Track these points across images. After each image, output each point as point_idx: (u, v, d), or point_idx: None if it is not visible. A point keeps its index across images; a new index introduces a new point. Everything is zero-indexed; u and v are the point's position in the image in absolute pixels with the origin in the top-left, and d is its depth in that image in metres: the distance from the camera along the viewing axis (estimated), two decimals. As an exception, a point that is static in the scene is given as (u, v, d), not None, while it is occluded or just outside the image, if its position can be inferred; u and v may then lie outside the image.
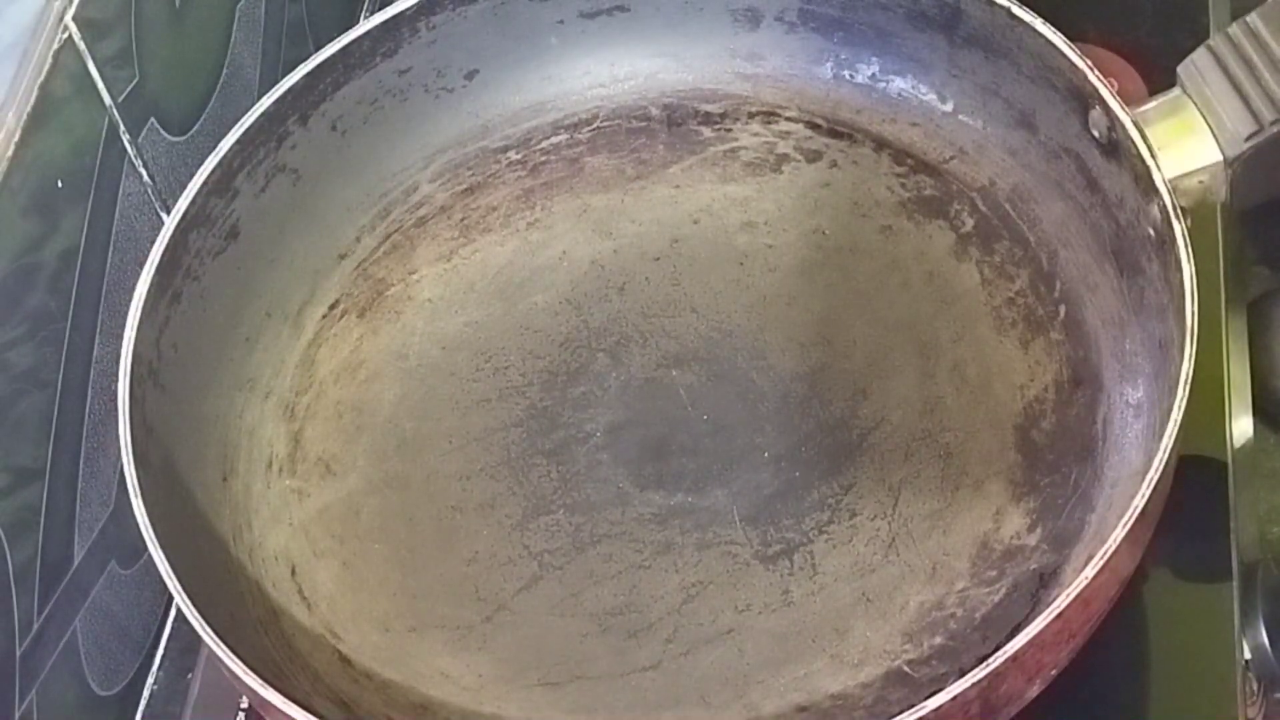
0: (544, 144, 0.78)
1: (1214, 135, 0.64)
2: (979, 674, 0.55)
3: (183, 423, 0.69)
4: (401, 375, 0.74)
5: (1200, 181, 0.64)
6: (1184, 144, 0.64)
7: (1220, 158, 0.64)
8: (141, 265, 0.68)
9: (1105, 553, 0.56)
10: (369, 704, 0.65)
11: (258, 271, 0.74)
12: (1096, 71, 0.66)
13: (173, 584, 0.61)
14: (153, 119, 0.75)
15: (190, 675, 0.75)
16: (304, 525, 0.70)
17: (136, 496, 0.63)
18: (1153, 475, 0.57)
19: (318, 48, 0.74)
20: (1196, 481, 0.65)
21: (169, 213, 0.70)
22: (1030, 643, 0.55)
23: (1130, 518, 0.57)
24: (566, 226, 0.76)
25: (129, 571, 0.73)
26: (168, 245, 0.69)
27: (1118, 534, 0.57)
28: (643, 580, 0.67)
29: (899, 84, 0.75)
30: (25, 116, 0.66)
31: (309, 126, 0.75)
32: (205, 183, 0.71)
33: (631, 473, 0.69)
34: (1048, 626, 0.56)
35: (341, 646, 0.67)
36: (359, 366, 0.74)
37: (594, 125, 0.78)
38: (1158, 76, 0.67)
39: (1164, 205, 0.62)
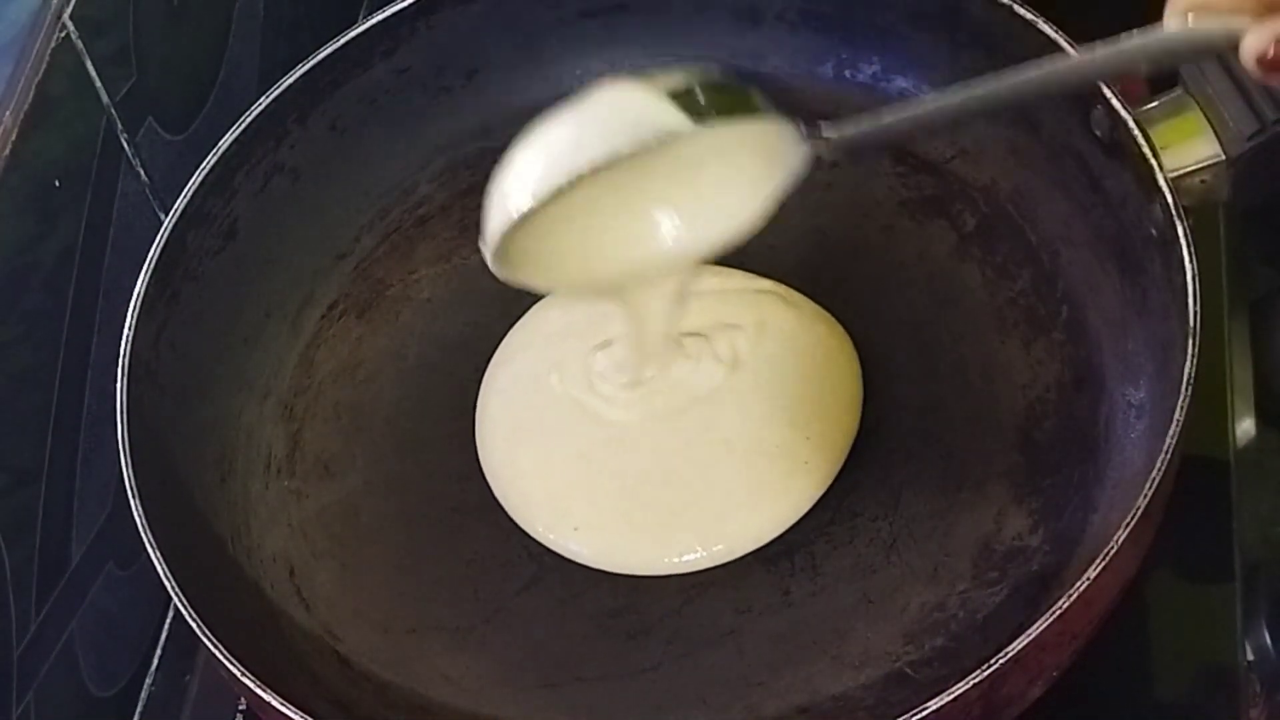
0: (544, 144, 0.78)
1: (1216, 134, 0.64)
2: (980, 675, 0.55)
3: (181, 423, 0.69)
4: (400, 375, 0.74)
5: (1203, 181, 0.64)
6: (1186, 143, 0.64)
7: (1222, 157, 0.64)
8: (139, 265, 0.68)
9: (1107, 554, 0.56)
10: (368, 705, 0.65)
11: (256, 271, 0.74)
12: (1099, 70, 0.66)
13: (170, 585, 0.61)
14: (150, 118, 0.74)
15: (188, 677, 0.75)
16: (302, 526, 0.70)
17: (134, 497, 0.63)
18: (1155, 476, 0.57)
19: (316, 46, 0.74)
20: (1199, 482, 0.65)
21: (167, 212, 0.70)
22: (1032, 644, 0.55)
23: (1132, 518, 0.57)
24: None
25: (127, 572, 0.73)
26: (166, 245, 0.69)
27: (1120, 535, 0.56)
28: (642, 581, 0.67)
29: (900, 83, 0.75)
30: (23, 115, 0.66)
31: (308, 126, 0.75)
32: (203, 182, 0.71)
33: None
34: (1049, 628, 0.55)
35: (340, 648, 0.67)
36: (358, 367, 0.74)
37: (594, 125, 0.78)
38: (1160, 76, 0.66)
39: (1166, 205, 0.62)
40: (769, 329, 0.70)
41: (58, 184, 0.68)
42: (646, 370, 0.69)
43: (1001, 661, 0.55)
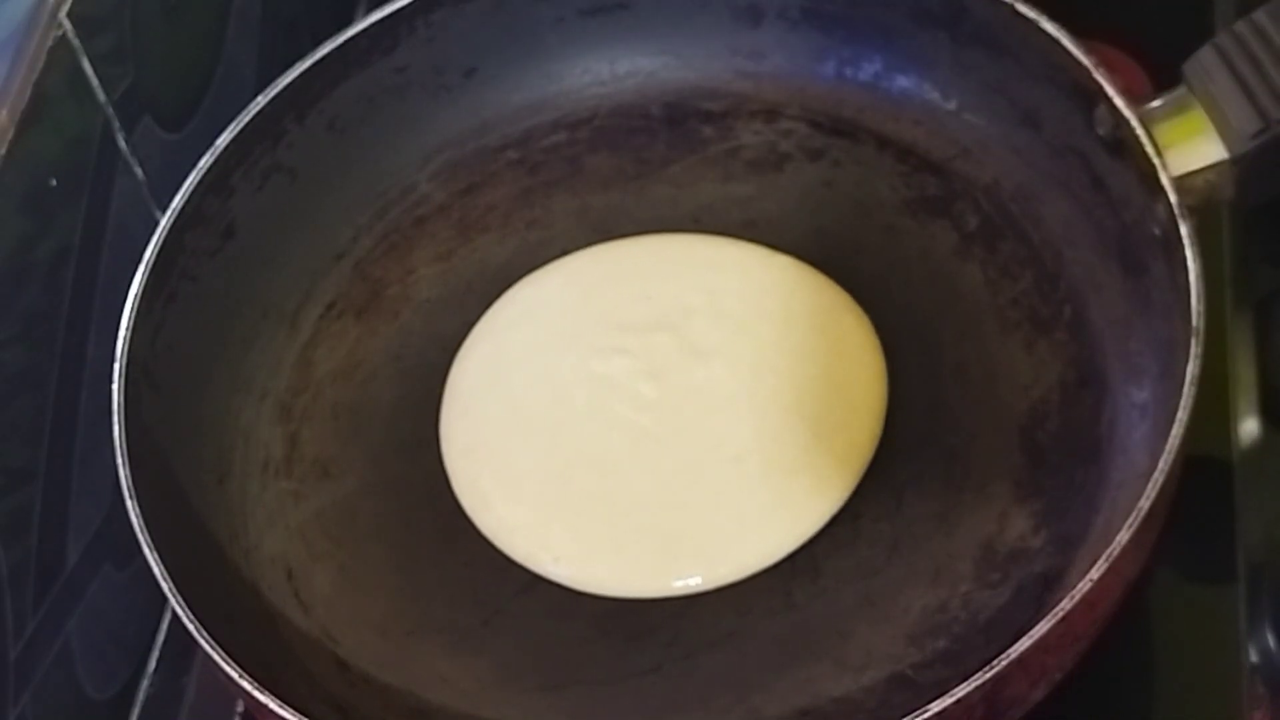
0: (543, 143, 0.78)
1: (1220, 133, 0.63)
2: (982, 677, 0.54)
3: (178, 424, 0.69)
4: (399, 376, 0.73)
5: (1206, 180, 0.63)
6: (1190, 142, 0.63)
7: (1226, 156, 0.63)
8: (136, 264, 0.68)
9: (1110, 555, 0.56)
10: (366, 708, 0.65)
11: (254, 271, 0.73)
12: (1102, 69, 0.65)
13: (167, 586, 0.60)
14: (147, 116, 0.74)
15: (185, 679, 0.75)
16: (301, 527, 0.70)
17: (131, 498, 0.62)
18: (1158, 477, 0.57)
19: (314, 45, 0.74)
20: (1202, 483, 0.65)
21: (164, 211, 0.70)
22: (1034, 646, 0.55)
23: (1135, 520, 0.56)
24: (566, 226, 0.76)
25: (124, 574, 0.72)
26: (163, 244, 0.69)
27: (1123, 536, 0.56)
28: (642, 587, 0.67)
29: (902, 82, 0.75)
30: (19, 114, 0.66)
31: (306, 125, 0.74)
32: (201, 181, 0.70)
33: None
34: (1052, 629, 0.55)
35: (338, 650, 0.66)
36: (356, 367, 0.74)
37: (594, 124, 0.78)
38: (1163, 74, 0.66)
39: (1169, 204, 0.62)
40: (796, 319, 0.70)
41: (54, 183, 0.68)
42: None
43: (1004, 663, 0.55)
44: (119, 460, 0.63)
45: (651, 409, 0.69)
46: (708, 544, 0.66)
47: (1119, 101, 0.64)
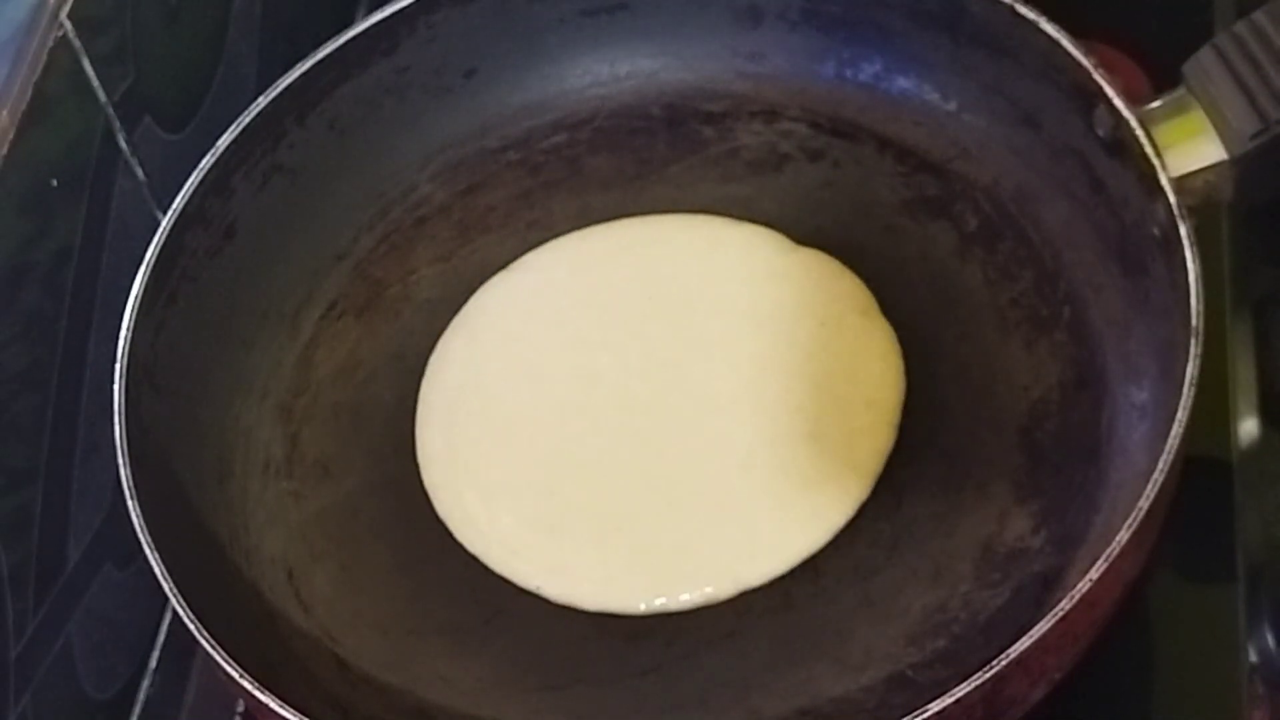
0: (543, 144, 0.78)
1: (1219, 134, 0.63)
2: (982, 677, 0.54)
3: (179, 424, 0.69)
4: (399, 376, 0.73)
5: (1206, 180, 0.63)
6: (1189, 143, 0.63)
7: (1225, 156, 0.63)
8: (137, 265, 0.68)
9: (1110, 555, 0.56)
10: (367, 708, 0.65)
11: (255, 272, 0.73)
12: (1101, 69, 0.65)
13: (168, 586, 0.60)
14: (148, 117, 0.74)
15: (185, 679, 0.75)
16: (301, 528, 0.70)
17: (132, 498, 0.62)
18: (1158, 477, 0.57)
19: (315, 46, 0.74)
20: (1202, 483, 0.65)
21: (165, 211, 0.70)
22: (1034, 645, 0.55)
23: (1135, 520, 0.56)
24: (566, 226, 0.76)
25: (124, 574, 0.72)
26: (163, 245, 0.69)
27: (1122, 536, 0.56)
28: (642, 585, 0.66)
29: (902, 83, 0.75)
30: (20, 115, 0.66)
31: (306, 125, 0.74)
32: (202, 182, 0.70)
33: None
34: (1051, 629, 0.55)
35: (339, 650, 0.66)
36: (357, 367, 0.74)
37: (594, 125, 0.78)
38: (1163, 75, 0.66)
39: (1169, 205, 0.62)
40: (806, 310, 0.69)
41: (55, 183, 0.68)
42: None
43: (1003, 663, 0.55)
44: (119, 460, 0.63)
45: (644, 410, 0.68)
46: (708, 563, 0.64)
47: (1118, 102, 0.64)
